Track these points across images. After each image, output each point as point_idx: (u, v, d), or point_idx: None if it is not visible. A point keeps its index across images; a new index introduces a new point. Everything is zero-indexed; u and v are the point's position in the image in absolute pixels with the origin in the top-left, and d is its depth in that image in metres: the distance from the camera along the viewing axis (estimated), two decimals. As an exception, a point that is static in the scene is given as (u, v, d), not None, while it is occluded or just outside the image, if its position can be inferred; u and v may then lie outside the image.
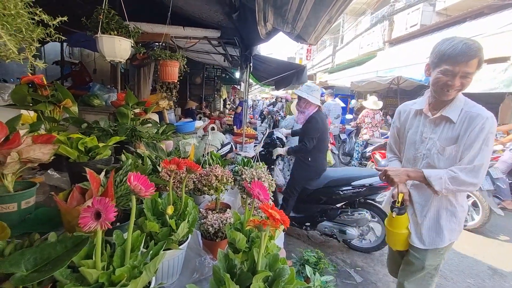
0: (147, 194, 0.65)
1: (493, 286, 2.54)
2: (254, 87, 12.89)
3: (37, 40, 0.92)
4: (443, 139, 1.31)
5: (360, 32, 12.36)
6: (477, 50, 1.16)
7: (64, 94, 1.53)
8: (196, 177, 1.26)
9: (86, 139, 1.19)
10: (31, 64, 0.93)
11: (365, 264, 2.76)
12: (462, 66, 1.18)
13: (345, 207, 2.89)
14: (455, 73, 1.20)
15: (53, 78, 5.66)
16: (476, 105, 1.29)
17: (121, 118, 1.78)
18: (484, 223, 3.49)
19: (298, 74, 4.56)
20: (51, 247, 0.60)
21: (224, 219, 1.07)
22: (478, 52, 1.17)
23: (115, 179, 1.00)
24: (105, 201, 0.59)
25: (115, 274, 0.63)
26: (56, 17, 0.97)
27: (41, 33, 0.93)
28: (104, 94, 3.69)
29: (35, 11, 0.89)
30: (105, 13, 1.69)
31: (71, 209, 0.81)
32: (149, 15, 2.81)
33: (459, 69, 1.18)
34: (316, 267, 1.89)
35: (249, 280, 0.65)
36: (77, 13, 2.11)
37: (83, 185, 0.93)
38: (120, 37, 1.73)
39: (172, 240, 0.85)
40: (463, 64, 1.17)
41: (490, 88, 4.50)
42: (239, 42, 3.41)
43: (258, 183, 0.84)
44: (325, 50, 18.04)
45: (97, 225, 0.58)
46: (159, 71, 2.42)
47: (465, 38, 1.21)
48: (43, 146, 0.93)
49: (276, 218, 0.66)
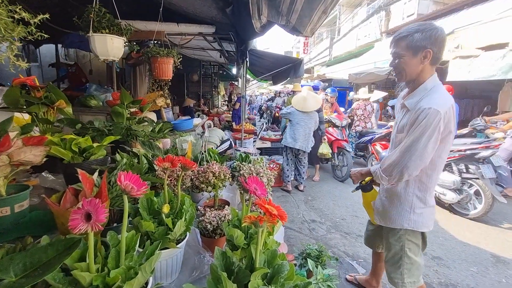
0: (139, 193, 0.63)
1: (497, 273, 2.54)
2: (252, 83, 12.82)
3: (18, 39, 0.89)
4: (400, 126, 1.41)
5: (357, 23, 12.24)
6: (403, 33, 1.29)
7: (58, 95, 1.50)
8: (193, 174, 1.24)
9: (80, 139, 1.17)
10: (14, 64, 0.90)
11: (367, 256, 2.76)
12: (392, 48, 1.34)
13: None
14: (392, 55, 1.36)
15: (50, 80, 5.62)
16: (433, 97, 1.28)
17: (116, 117, 1.76)
18: (487, 212, 3.46)
19: (295, 68, 4.53)
20: (42, 251, 0.59)
21: (222, 216, 1.06)
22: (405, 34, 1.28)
23: (109, 179, 0.99)
24: (95, 202, 0.58)
25: (109, 276, 0.61)
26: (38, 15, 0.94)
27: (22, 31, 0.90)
28: (100, 95, 3.66)
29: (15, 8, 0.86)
30: (96, 12, 1.66)
31: (64, 211, 0.79)
32: (142, 13, 2.77)
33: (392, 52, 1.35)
34: (318, 261, 1.88)
35: (248, 278, 0.64)
36: (70, 13, 2.08)
37: (77, 186, 0.91)
38: (112, 35, 1.70)
39: (169, 239, 0.84)
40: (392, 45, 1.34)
41: (488, 75, 4.46)
42: (234, 37, 3.37)
43: (255, 179, 0.82)
44: (322, 43, 17.91)
45: (88, 227, 0.56)
46: (152, 68, 2.39)
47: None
48: (34, 148, 0.91)
49: (273, 214, 0.65)
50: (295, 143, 4.20)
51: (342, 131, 5.31)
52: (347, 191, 4.71)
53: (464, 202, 3.65)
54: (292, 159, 4.46)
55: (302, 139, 4.20)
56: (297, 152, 4.38)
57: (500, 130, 4.57)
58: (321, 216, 3.70)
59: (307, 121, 4.21)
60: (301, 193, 4.55)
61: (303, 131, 4.20)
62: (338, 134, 5.19)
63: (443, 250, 2.91)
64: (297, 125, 4.21)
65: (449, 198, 3.71)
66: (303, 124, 4.19)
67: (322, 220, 3.58)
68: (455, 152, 3.72)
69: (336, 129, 5.31)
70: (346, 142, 5.11)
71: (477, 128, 4.94)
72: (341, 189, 4.81)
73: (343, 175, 5.02)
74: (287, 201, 4.21)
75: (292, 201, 4.23)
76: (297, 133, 4.20)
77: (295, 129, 4.22)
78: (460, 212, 3.74)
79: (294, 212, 3.80)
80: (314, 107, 4.23)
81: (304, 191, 4.58)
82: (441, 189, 3.80)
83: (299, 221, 3.54)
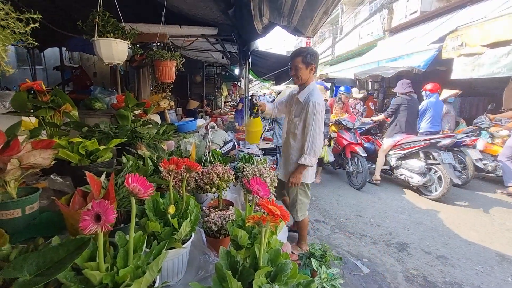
0: (145, 195, 0.65)
1: (502, 272, 2.52)
2: (255, 83, 12.83)
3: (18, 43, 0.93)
4: (296, 112, 2.16)
5: (359, 22, 12.18)
6: (299, 52, 2.04)
7: (64, 98, 1.54)
8: (197, 176, 1.26)
9: (87, 142, 1.20)
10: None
11: (371, 255, 2.76)
12: (293, 62, 2.06)
13: None
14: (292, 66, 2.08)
15: (54, 84, 5.71)
16: (315, 95, 2.05)
17: (121, 120, 1.79)
18: (446, 193, 4.01)
19: (297, 68, 4.53)
20: (53, 251, 0.61)
21: (226, 216, 1.08)
22: (300, 52, 2.02)
23: (116, 181, 1.01)
24: (104, 204, 0.60)
25: (118, 275, 0.63)
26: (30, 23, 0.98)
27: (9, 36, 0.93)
28: (105, 97, 3.71)
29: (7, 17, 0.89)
30: (101, 16, 1.69)
31: (73, 213, 0.82)
32: (145, 16, 2.80)
33: (292, 64, 2.07)
34: (322, 260, 1.89)
35: (251, 276, 0.65)
36: (74, 17, 2.12)
37: (85, 189, 0.94)
38: (117, 40, 1.73)
39: (175, 239, 0.86)
40: (292, 60, 2.06)
41: (493, 72, 4.42)
42: (236, 38, 3.39)
43: (258, 180, 0.84)
44: (324, 43, 17.84)
45: (98, 228, 0.58)
46: (156, 71, 2.42)
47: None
48: (43, 152, 0.94)
49: (275, 214, 0.66)
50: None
51: (356, 134, 4.89)
52: (351, 191, 4.70)
53: (428, 184, 4.21)
54: None
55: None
56: None
57: (505, 128, 4.54)
58: (325, 216, 3.70)
59: None
60: (304, 193, 4.55)
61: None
62: (351, 137, 4.78)
63: (447, 249, 2.90)
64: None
65: (415, 181, 4.28)
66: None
67: (326, 220, 3.58)
68: (421, 141, 4.26)
69: (348, 131, 4.87)
70: (360, 146, 4.68)
71: (481, 126, 4.90)
72: (345, 189, 4.81)
73: (359, 182, 4.62)
74: (291, 201, 4.21)
75: (296, 201, 4.23)
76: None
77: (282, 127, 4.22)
78: (425, 193, 4.30)
79: (298, 212, 3.80)
80: None
81: None
82: (409, 173, 4.38)
83: (303, 220, 3.55)
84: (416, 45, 6.40)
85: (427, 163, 4.21)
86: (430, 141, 4.19)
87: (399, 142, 4.54)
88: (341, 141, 4.85)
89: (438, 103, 5.06)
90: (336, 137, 5.01)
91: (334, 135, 5.10)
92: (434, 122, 4.96)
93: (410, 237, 3.14)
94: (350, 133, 4.83)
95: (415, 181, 4.31)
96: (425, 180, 4.21)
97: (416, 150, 4.31)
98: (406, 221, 3.54)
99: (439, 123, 5.05)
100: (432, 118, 4.95)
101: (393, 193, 4.55)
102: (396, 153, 4.60)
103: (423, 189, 4.33)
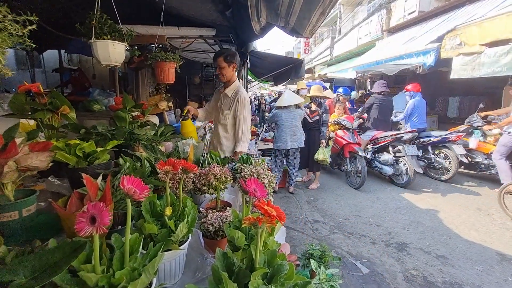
0: (141, 197, 0.65)
1: (502, 271, 2.52)
2: (253, 84, 12.83)
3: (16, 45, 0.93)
4: (224, 105, 2.35)
5: (358, 22, 12.20)
6: (220, 53, 2.28)
7: (61, 101, 1.54)
8: (195, 177, 1.26)
9: (84, 144, 1.20)
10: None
11: (371, 256, 2.76)
12: (216, 62, 2.26)
13: None
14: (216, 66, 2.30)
15: (54, 86, 5.71)
16: (242, 90, 2.33)
17: (119, 121, 1.79)
18: (411, 181, 4.62)
19: (296, 68, 4.55)
20: (49, 253, 0.61)
21: (223, 218, 1.08)
22: (221, 53, 2.25)
23: (113, 183, 1.01)
24: (99, 206, 0.60)
25: (114, 277, 0.63)
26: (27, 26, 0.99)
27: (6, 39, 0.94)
28: (103, 99, 3.72)
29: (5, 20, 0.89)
30: (98, 18, 1.70)
31: (70, 215, 0.82)
32: (143, 17, 2.81)
33: (216, 64, 2.27)
34: (321, 261, 1.89)
35: (248, 278, 0.65)
36: (73, 19, 2.12)
37: (82, 191, 0.94)
38: (114, 41, 1.73)
39: (171, 241, 0.86)
40: (215, 61, 2.27)
41: (493, 71, 4.43)
42: (234, 39, 3.40)
43: (254, 180, 0.84)
44: (323, 43, 17.87)
45: (93, 230, 0.58)
46: (156, 73, 2.43)
47: None
48: (40, 154, 0.94)
49: (272, 215, 0.66)
50: (286, 145, 4.22)
51: (354, 134, 5.01)
52: (350, 191, 4.71)
53: (397, 174, 4.83)
54: (282, 160, 4.47)
55: (290, 138, 4.23)
56: (287, 153, 4.38)
57: (497, 127, 4.56)
58: (324, 216, 3.70)
59: (292, 119, 4.24)
60: (303, 194, 4.56)
61: (290, 130, 4.22)
62: (349, 137, 4.87)
63: (447, 249, 2.90)
64: (282, 126, 4.23)
65: (386, 171, 4.87)
66: (288, 123, 4.22)
67: (325, 220, 3.58)
68: (388, 137, 4.91)
69: (347, 131, 4.98)
70: (359, 146, 4.78)
71: (474, 125, 4.94)
72: (344, 189, 4.81)
73: (357, 182, 4.74)
74: (290, 202, 4.22)
75: (295, 201, 4.24)
76: (284, 134, 4.22)
77: (281, 130, 4.24)
78: (395, 182, 4.92)
79: (297, 213, 3.81)
80: (291, 101, 4.28)
81: (294, 192, 4.55)
82: (380, 165, 4.98)
83: (302, 221, 3.55)
84: (415, 44, 6.41)
85: (395, 155, 4.81)
86: (396, 136, 4.83)
87: (375, 137, 5.09)
88: (340, 141, 4.95)
89: (422, 102, 5.48)
90: (335, 137, 5.09)
91: (333, 135, 5.18)
92: (420, 120, 5.43)
93: (409, 237, 3.14)
94: (349, 133, 4.93)
95: (385, 171, 4.90)
96: (393, 170, 4.80)
97: (386, 144, 4.93)
98: (405, 220, 3.55)
99: (425, 120, 5.51)
100: (418, 116, 5.40)
101: (392, 193, 4.56)
102: (371, 148, 5.17)
103: (394, 178, 4.93)
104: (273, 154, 4.48)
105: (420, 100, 5.44)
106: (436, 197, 4.37)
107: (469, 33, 4.85)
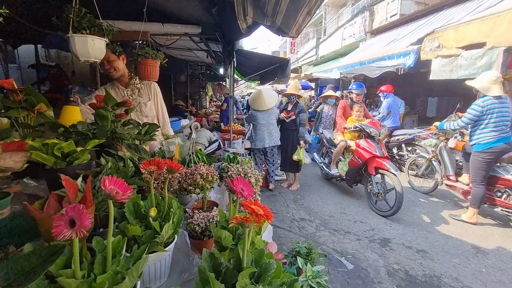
0: (124, 198, 0.63)
1: (477, 263, 2.66)
2: (240, 83, 12.79)
3: None
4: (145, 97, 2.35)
5: (342, 23, 12.43)
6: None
7: (38, 98, 1.46)
8: (181, 177, 1.24)
9: (63, 144, 1.14)
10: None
11: (355, 252, 2.83)
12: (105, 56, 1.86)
13: None
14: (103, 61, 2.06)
15: (29, 83, 5.43)
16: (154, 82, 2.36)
17: (100, 120, 1.72)
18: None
19: (282, 68, 4.56)
20: (25, 259, 0.58)
21: (210, 218, 1.06)
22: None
23: (94, 183, 0.97)
24: (79, 208, 0.57)
25: (96, 282, 0.61)
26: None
27: None
28: (84, 97, 3.56)
29: None
30: (76, 12, 1.62)
31: (47, 218, 0.78)
32: (127, 13, 2.72)
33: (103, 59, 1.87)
34: (307, 258, 1.91)
35: (235, 278, 0.64)
36: (50, 13, 2.01)
37: (61, 192, 0.89)
38: (93, 36, 1.67)
39: (156, 242, 0.83)
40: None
41: (470, 73, 4.63)
42: (220, 37, 3.36)
43: (241, 180, 0.83)
44: (308, 43, 18.08)
45: (72, 233, 0.55)
46: (139, 71, 2.36)
47: None
48: (14, 154, 0.89)
49: (259, 214, 0.66)
50: (263, 143, 4.29)
51: (380, 144, 3.84)
52: (335, 189, 4.79)
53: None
54: (261, 158, 4.52)
55: (268, 137, 4.29)
56: (265, 151, 4.43)
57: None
58: (310, 214, 3.75)
59: (267, 118, 4.31)
60: (290, 192, 4.59)
61: (267, 129, 4.29)
62: (375, 149, 3.73)
63: (427, 243, 3.01)
64: (259, 125, 4.28)
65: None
66: (264, 122, 4.28)
67: (311, 218, 3.63)
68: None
69: (371, 141, 3.84)
70: (387, 160, 3.67)
71: None
72: (330, 187, 4.89)
73: (391, 207, 3.52)
74: (276, 201, 4.24)
75: (281, 200, 4.27)
76: (261, 133, 4.28)
77: (259, 129, 4.29)
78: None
79: (284, 211, 3.83)
80: (272, 104, 4.33)
81: (273, 190, 4.60)
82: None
83: (289, 219, 3.58)
84: (396, 46, 6.60)
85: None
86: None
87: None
88: (362, 154, 3.85)
89: (395, 102, 5.73)
90: (355, 147, 4.02)
91: (351, 144, 4.15)
92: (395, 119, 5.67)
93: (391, 232, 3.24)
94: (373, 143, 3.82)
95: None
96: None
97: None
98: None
99: (399, 119, 5.75)
100: (393, 116, 5.65)
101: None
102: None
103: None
104: (252, 153, 4.50)
105: (394, 100, 5.66)
106: (417, 193, 4.53)
107: (447, 36, 5.05)
